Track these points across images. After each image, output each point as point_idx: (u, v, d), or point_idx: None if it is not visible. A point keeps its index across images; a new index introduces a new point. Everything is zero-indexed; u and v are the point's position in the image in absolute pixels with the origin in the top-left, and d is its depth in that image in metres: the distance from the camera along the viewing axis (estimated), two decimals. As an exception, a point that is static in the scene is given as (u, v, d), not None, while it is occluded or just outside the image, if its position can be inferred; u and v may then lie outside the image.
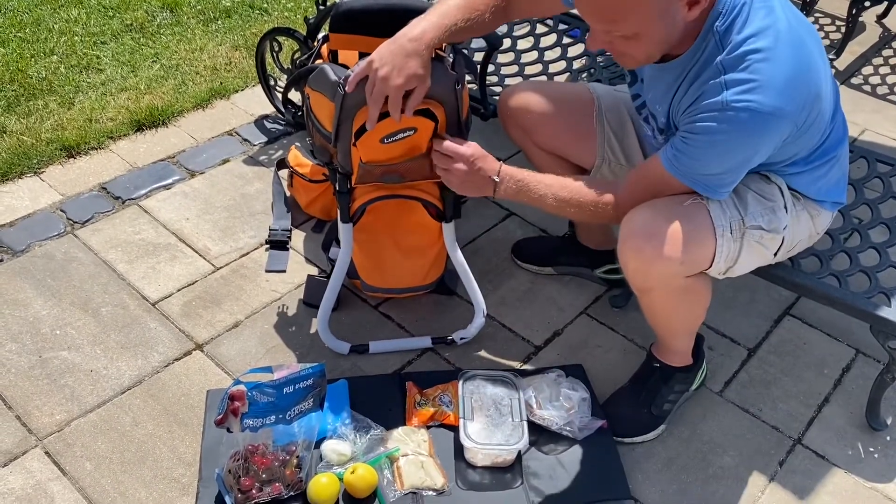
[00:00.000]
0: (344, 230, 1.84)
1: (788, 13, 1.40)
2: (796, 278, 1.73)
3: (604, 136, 1.82)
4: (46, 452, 1.69)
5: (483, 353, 1.95)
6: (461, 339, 1.94)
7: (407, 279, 1.94)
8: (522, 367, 1.92)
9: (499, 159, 1.66)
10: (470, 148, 1.62)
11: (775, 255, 1.62)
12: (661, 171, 1.48)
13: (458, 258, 1.90)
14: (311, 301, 2.02)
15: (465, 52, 1.79)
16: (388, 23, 1.72)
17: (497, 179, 1.61)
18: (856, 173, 1.96)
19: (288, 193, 2.33)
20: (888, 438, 1.82)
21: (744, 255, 1.54)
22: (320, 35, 1.87)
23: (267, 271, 2.11)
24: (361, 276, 1.92)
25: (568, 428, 1.72)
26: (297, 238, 2.23)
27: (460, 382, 1.76)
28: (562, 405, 1.73)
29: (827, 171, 1.60)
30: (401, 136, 1.61)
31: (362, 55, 1.80)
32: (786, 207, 1.56)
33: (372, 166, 1.67)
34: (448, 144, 1.62)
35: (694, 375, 1.81)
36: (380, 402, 1.78)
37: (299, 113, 2.57)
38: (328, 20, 1.79)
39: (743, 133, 1.36)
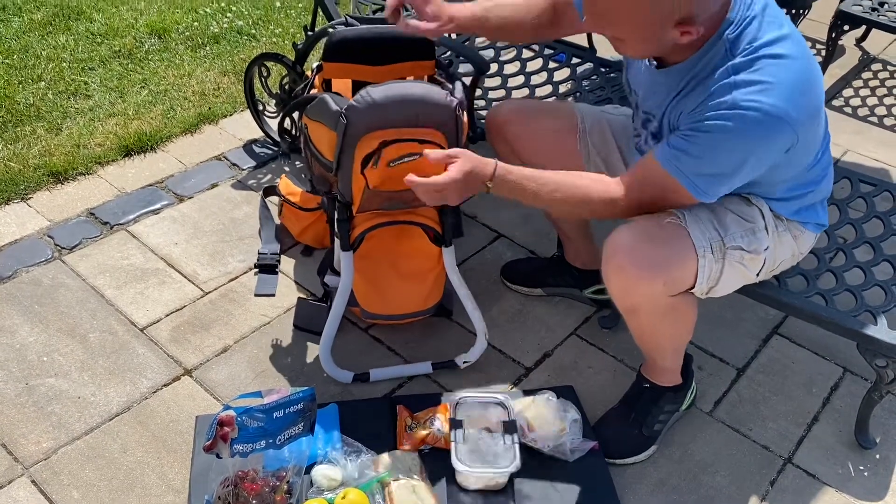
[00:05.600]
0: (345, 258, 1.83)
1: (797, 33, 1.44)
2: (783, 298, 1.74)
3: (587, 154, 1.84)
4: (33, 481, 1.67)
5: (474, 376, 1.95)
6: (464, 362, 1.93)
7: (407, 305, 1.93)
8: (513, 389, 1.92)
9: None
10: (453, 171, 1.52)
11: (757, 274, 1.63)
12: (656, 169, 1.47)
13: (459, 282, 1.90)
14: (301, 325, 2.01)
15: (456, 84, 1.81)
16: (381, 51, 1.74)
17: (490, 185, 1.53)
18: (839, 193, 1.99)
19: (278, 221, 2.33)
20: (877, 457, 1.82)
21: (726, 275, 1.55)
22: (314, 65, 1.89)
23: (256, 295, 2.10)
24: (361, 303, 1.90)
25: (560, 450, 1.72)
26: (287, 262, 2.23)
27: (451, 405, 1.75)
28: (553, 427, 1.73)
29: (810, 195, 1.62)
30: (407, 159, 1.61)
31: (356, 84, 1.82)
32: (766, 229, 1.58)
33: (378, 192, 1.66)
34: (435, 180, 1.51)
35: (684, 395, 1.82)
36: (370, 426, 1.77)
37: (293, 142, 2.56)
38: (322, 49, 1.80)
39: (747, 133, 1.37)
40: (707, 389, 1.95)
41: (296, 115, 2.45)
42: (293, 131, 2.54)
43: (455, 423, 1.71)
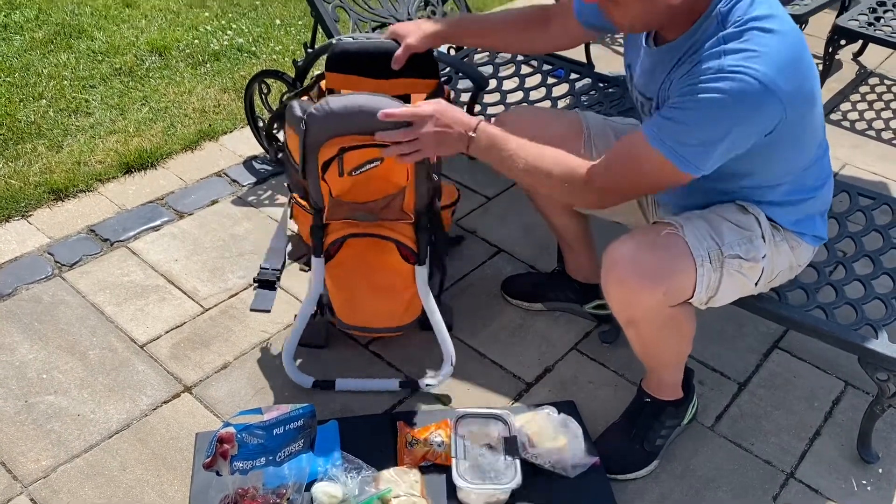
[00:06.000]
0: (315, 264, 1.85)
1: (790, 18, 1.44)
2: (784, 311, 1.74)
3: (592, 159, 1.84)
4: (32, 500, 1.66)
5: (475, 391, 1.94)
6: (426, 385, 1.91)
7: (379, 319, 1.92)
8: (514, 405, 1.91)
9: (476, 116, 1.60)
10: (430, 105, 1.55)
11: (756, 284, 1.63)
12: (641, 140, 1.44)
13: (430, 305, 1.87)
14: (307, 341, 2.01)
15: (454, 93, 1.83)
16: (383, 65, 1.75)
17: (473, 135, 1.53)
18: (838, 207, 2.00)
19: (292, 231, 2.35)
20: (880, 471, 1.82)
21: (724, 284, 1.55)
22: (315, 73, 1.91)
23: (251, 310, 2.09)
24: (336, 312, 1.92)
25: (561, 466, 1.71)
26: (289, 279, 2.23)
27: (452, 421, 1.75)
28: (554, 443, 1.72)
29: (807, 204, 1.62)
30: (367, 166, 1.63)
31: None
32: (763, 237, 1.58)
33: (341, 202, 1.69)
34: (401, 110, 1.53)
35: (685, 409, 1.81)
36: (371, 443, 1.76)
37: (280, 152, 2.59)
38: (324, 59, 1.82)
39: (734, 100, 1.34)
40: (708, 404, 1.95)
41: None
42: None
43: (456, 440, 1.70)
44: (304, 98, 1.82)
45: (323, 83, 1.85)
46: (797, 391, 2.00)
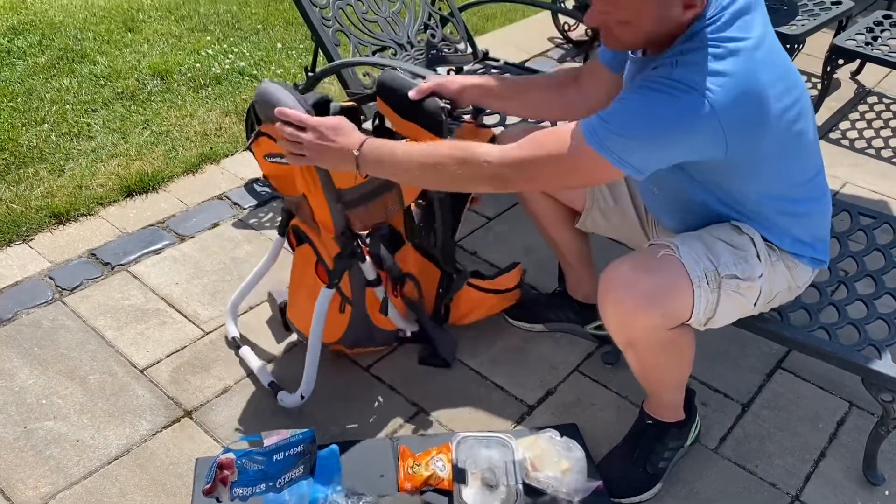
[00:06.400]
0: (276, 241, 1.99)
1: (770, 48, 1.43)
2: (786, 332, 1.73)
3: None
4: (30, 527, 1.65)
5: (476, 414, 1.93)
6: (280, 400, 1.89)
7: (305, 326, 1.89)
8: (516, 428, 1.90)
9: (367, 133, 1.59)
10: (330, 119, 1.55)
11: (755, 304, 1.62)
12: (576, 132, 1.40)
13: (315, 330, 1.83)
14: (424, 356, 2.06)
15: (453, 114, 1.83)
16: (402, 103, 1.76)
17: (357, 153, 1.51)
18: (839, 226, 1.99)
19: None
20: (886, 493, 1.80)
21: (722, 305, 1.54)
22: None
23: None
24: (288, 310, 1.99)
25: (564, 490, 1.69)
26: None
27: (454, 445, 1.74)
28: (557, 467, 1.71)
29: (803, 225, 1.62)
30: (278, 159, 1.68)
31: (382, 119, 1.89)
32: (759, 256, 1.57)
33: (268, 181, 1.80)
34: (291, 112, 1.54)
35: (688, 431, 1.80)
36: (372, 468, 1.75)
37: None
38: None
39: (673, 108, 1.34)
40: (712, 425, 1.93)
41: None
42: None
43: (458, 464, 1.69)
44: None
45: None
46: (801, 412, 1.99)
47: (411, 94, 1.72)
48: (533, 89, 1.84)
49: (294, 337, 2.10)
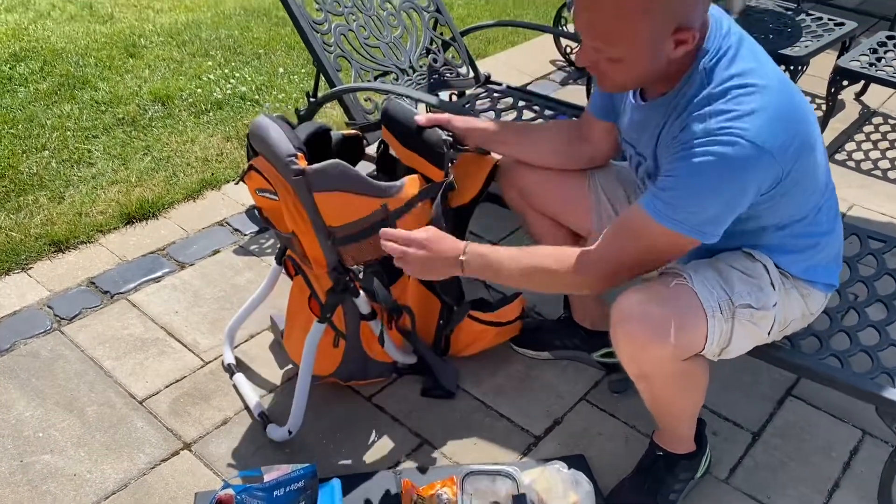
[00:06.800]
0: (273, 269, 1.96)
1: (775, 67, 1.43)
2: (797, 360, 1.70)
3: (598, 202, 1.83)
4: (24, 566, 1.61)
5: (481, 445, 1.89)
6: (269, 433, 1.86)
7: (300, 357, 1.85)
8: (522, 460, 1.86)
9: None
10: (425, 232, 1.57)
11: (769, 333, 1.59)
12: (642, 216, 1.41)
13: (305, 366, 1.81)
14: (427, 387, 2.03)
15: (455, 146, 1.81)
16: (406, 133, 1.77)
17: (464, 259, 1.54)
18: (848, 250, 1.95)
19: None
20: (903, 525, 1.75)
21: (736, 335, 1.51)
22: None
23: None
24: (283, 335, 1.97)
25: (572, 524, 1.65)
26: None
27: (458, 478, 1.69)
28: (565, 500, 1.66)
29: (816, 251, 1.59)
30: (267, 193, 1.68)
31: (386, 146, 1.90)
32: (773, 285, 1.54)
33: (264, 217, 1.76)
34: (396, 231, 1.57)
35: (698, 462, 1.76)
36: (375, 502, 1.71)
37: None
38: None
39: (727, 163, 1.32)
40: (722, 456, 1.89)
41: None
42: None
43: (463, 498, 1.64)
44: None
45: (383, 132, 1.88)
46: (813, 441, 1.94)
47: (418, 118, 1.75)
48: (539, 138, 1.86)
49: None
